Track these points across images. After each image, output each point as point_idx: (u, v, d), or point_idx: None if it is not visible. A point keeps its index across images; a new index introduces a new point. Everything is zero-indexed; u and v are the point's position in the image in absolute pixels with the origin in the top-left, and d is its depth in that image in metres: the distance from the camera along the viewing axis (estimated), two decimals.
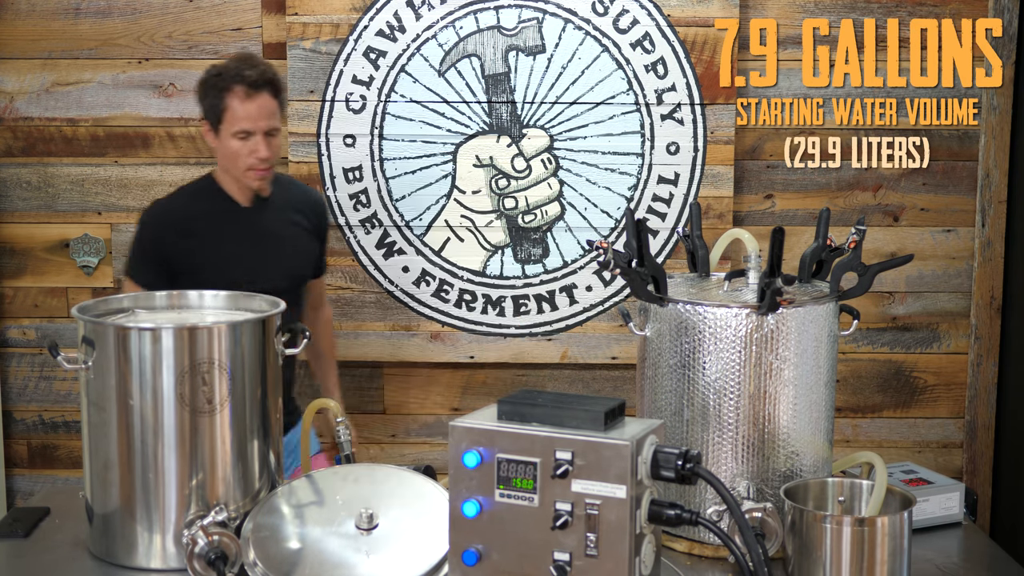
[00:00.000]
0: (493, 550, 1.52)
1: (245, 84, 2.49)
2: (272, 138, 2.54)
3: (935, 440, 3.50)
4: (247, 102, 2.50)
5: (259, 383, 1.87)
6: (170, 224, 2.60)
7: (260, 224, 2.64)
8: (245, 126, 2.50)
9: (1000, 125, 3.35)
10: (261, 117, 2.51)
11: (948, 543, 1.99)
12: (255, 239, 2.63)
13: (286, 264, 2.68)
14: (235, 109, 2.50)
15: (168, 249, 2.57)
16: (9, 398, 3.47)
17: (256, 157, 2.52)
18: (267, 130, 2.52)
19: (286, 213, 2.71)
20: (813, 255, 2.07)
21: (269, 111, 2.53)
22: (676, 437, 1.92)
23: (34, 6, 3.32)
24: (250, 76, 2.50)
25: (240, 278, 2.53)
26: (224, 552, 1.71)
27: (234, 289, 2.45)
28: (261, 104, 2.51)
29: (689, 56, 3.25)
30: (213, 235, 2.59)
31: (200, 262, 2.56)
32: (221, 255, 2.58)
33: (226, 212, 2.62)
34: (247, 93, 2.49)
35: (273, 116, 2.54)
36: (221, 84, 2.51)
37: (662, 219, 3.32)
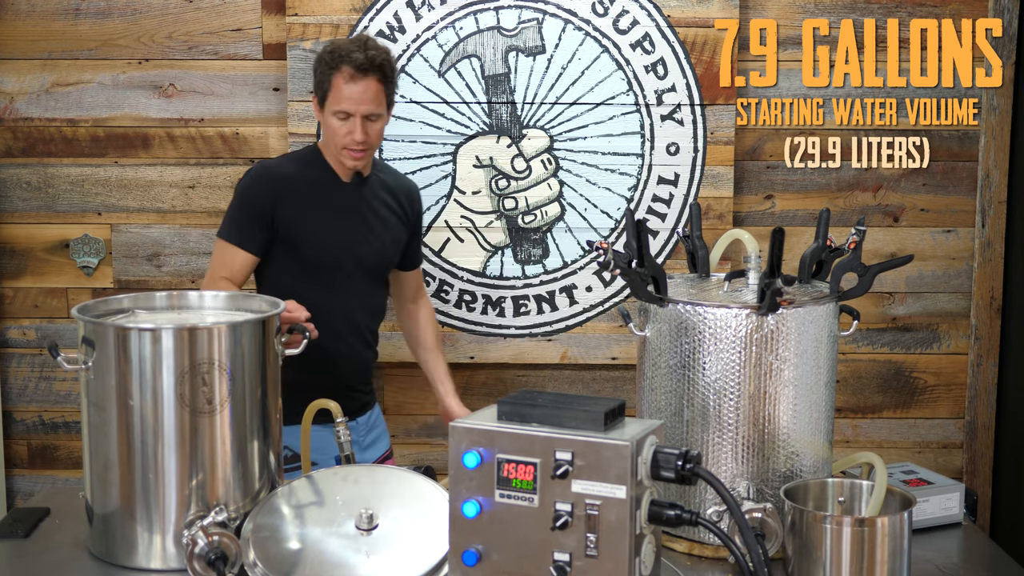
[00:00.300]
0: (493, 550, 1.52)
1: (352, 66, 2.49)
2: (371, 123, 2.53)
3: (935, 440, 3.50)
4: (351, 84, 2.50)
5: (259, 383, 1.87)
6: (273, 182, 2.60)
7: (355, 201, 2.64)
8: (345, 107, 2.51)
9: (1000, 125, 3.35)
10: (362, 101, 2.51)
11: (948, 543, 1.99)
12: (349, 214, 2.63)
13: (374, 245, 2.67)
14: (339, 89, 2.51)
15: (268, 207, 2.57)
16: (9, 398, 3.47)
17: (352, 139, 2.52)
18: (367, 114, 2.52)
19: (381, 196, 2.70)
20: (813, 255, 2.07)
21: (371, 96, 2.51)
22: (676, 437, 1.92)
23: (34, 6, 3.32)
24: (357, 59, 2.49)
25: (329, 249, 2.60)
26: (224, 552, 1.71)
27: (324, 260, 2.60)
28: (365, 88, 2.50)
29: (689, 56, 3.25)
30: (311, 202, 2.59)
31: (296, 227, 2.57)
32: (316, 223, 2.59)
33: (326, 183, 2.62)
34: (352, 75, 2.50)
35: (374, 102, 2.52)
36: (331, 62, 2.52)
37: (662, 219, 3.32)
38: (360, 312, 2.69)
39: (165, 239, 3.40)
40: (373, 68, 2.51)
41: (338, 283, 2.62)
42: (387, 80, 2.55)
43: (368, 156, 2.60)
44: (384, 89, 2.55)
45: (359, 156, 2.56)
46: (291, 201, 2.58)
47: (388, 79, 2.56)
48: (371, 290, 2.72)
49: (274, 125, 3.35)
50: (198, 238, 3.40)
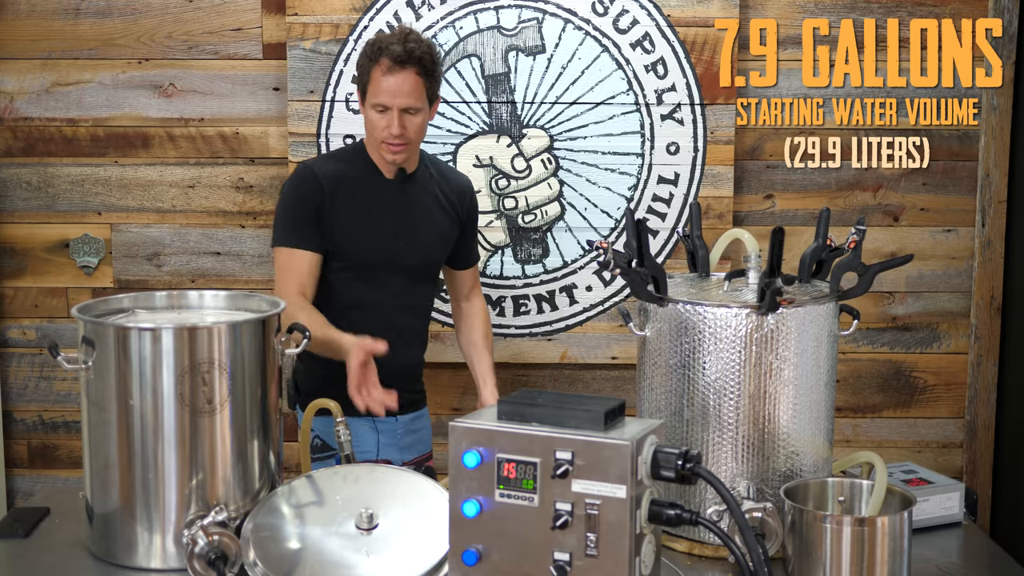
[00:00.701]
0: (493, 550, 1.52)
1: (390, 58, 2.44)
2: (409, 116, 2.47)
3: (935, 440, 3.50)
4: (388, 76, 2.44)
5: (259, 383, 1.87)
6: (317, 179, 2.54)
7: (398, 198, 2.58)
8: (382, 100, 2.46)
9: (1000, 125, 3.35)
10: (399, 94, 2.45)
11: (948, 543, 1.99)
12: (390, 211, 2.57)
13: (420, 244, 2.61)
14: (377, 81, 2.46)
15: (316, 204, 2.52)
16: (9, 398, 3.47)
17: (389, 132, 2.47)
18: (404, 107, 2.46)
19: (429, 192, 2.64)
20: (813, 255, 2.07)
21: (408, 89, 2.45)
22: (676, 437, 1.92)
23: (34, 6, 3.32)
24: (395, 51, 2.44)
25: (367, 246, 2.55)
26: (224, 552, 1.71)
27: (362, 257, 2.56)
28: (402, 80, 2.45)
29: (689, 56, 3.25)
30: (351, 199, 2.54)
31: (337, 225, 2.53)
32: (355, 221, 2.54)
33: (369, 181, 2.57)
34: (389, 67, 2.44)
35: (412, 95, 2.46)
36: (371, 54, 2.48)
37: (662, 219, 3.32)
38: (402, 310, 2.63)
39: (165, 239, 3.40)
40: (411, 60, 2.45)
41: (378, 281, 2.57)
42: (427, 73, 2.49)
43: (408, 151, 2.53)
44: (424, 83, 2.48)
45: (397, 150, 2.50)
46: (333, 198, 2.54)
47: (428, 72, 2.49)
48: (414, 289, 2.66)
49: (274, 125, 3.35)
50: (198, 238, 3.40)
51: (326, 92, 3.25)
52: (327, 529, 1.79)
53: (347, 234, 2.53)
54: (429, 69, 2.49)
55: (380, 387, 2.18)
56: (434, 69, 2.51)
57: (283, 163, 3.34)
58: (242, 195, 3.38)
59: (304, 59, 3.24)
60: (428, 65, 2.48)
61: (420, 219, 2.61)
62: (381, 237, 2.56)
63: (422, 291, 2.69)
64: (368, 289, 2.57)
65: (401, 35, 2.48)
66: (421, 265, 2.64)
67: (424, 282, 2.69)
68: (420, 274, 2.66)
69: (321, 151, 3.26)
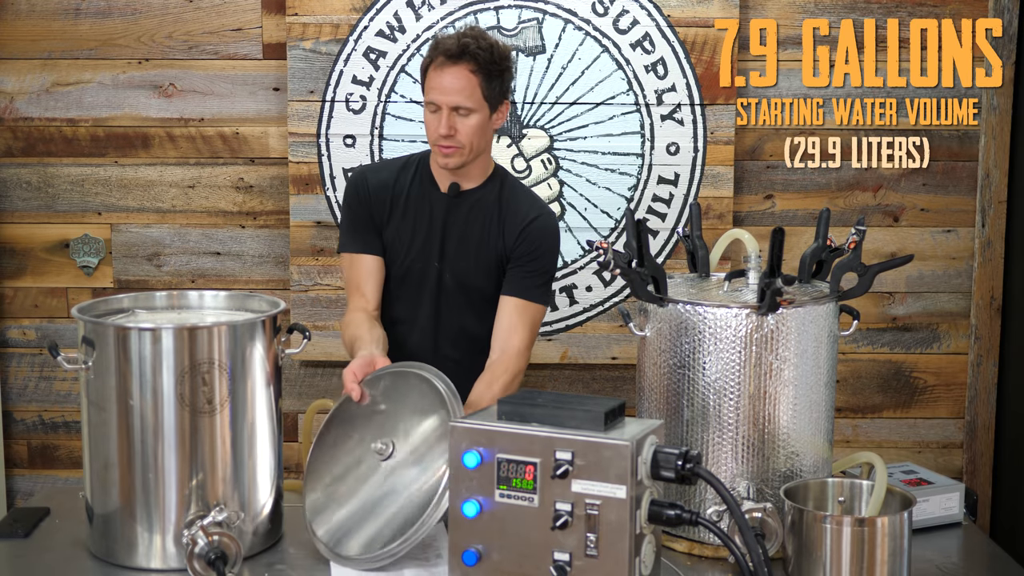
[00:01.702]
0: (493, 550, 1.52)
1: (441, 53, 2.29)
2: (461, 117, 2.30)
3: (935, 440, 3.50)
4: (438, 73, 2.29)
5: (259, 383, 1.87)
6: (366, 185, 2.45)
7: (449, 215, 2.42)
8: (432, 97, 2.30)
9: (1000, 125, 3.35)
10: (449, 91, 2.28)
11: (948, 543, 1.99)
12: (439, 228, 2.42)
13: (460, 267, 2.42)
14: (430, 78, 2.31)
15: (367, 209, 2.43)
16: (9, 398, 3.47)
17: (438, 133, 2.30)
18: (454, 106, 2.28)
19: (482, 214, 2.42)
20: (813, 255, 2.07)
21: (459, 87, 2.28)
22: (676, 437, 1.92)
23: (34, 6, 3.32)
24: (448, 45, 2.29)
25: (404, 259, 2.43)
26: (224, 552, 1.71)
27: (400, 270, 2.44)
28: (453, 77, 2.28)
29: (689, 56, 3.25)
30: (404, 210, 2.42)
31: (387, 233, 2.44)
32: (404, 233, 2.42)
33: (422, 192, 2.43)
34: (441, 64, 2.29)
35: (462, 92, 2.28)
36: (429, 51, 2.34)
37: (662, 219, 3.32)
38: (440, 331, 2.45)
39: (165, 239, 3.40)
40: (465, 56, 2.28)
41: (417, 298, 2.44)
42: (484, 71, 2.30)
43: (461, 156, 2.33)
44: (480, 81, 2.29)
45: (449, 152, 2.31)
46: (382, 205, 2.44)
47: (485, 70, 2.30)
48: (457, 315, 2.45)
49: (274, 125, 3.35)
50: (198, 238, 3.40)
51: (326, 92, 3.25)
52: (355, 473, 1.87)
53: (391, 242, 2.43)
54: (485, 67, 2.30)
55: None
56: (492, 68, 2.31)
57: (283, 163, 3.34)
58: (242, 195, 3.38)
59: (304, 59, 3.24)
60: (483, 62, 2.30)
61: (464, 240, 2.42)
62: (422, 252, 2.42)
63: (468, 320, 2.44)
64: (407, 306, 2.45)
65: (462, 32, 2.34)
66: (460, 288, 2.43)
67: (468, 309, 2.44)
68: (462, 300, 2.44)
69: (321, 151, 3.26)
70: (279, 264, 3.40)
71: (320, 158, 3.27)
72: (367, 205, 2.43)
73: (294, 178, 3.27)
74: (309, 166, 3.27)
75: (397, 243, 2.43)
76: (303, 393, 3.40)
